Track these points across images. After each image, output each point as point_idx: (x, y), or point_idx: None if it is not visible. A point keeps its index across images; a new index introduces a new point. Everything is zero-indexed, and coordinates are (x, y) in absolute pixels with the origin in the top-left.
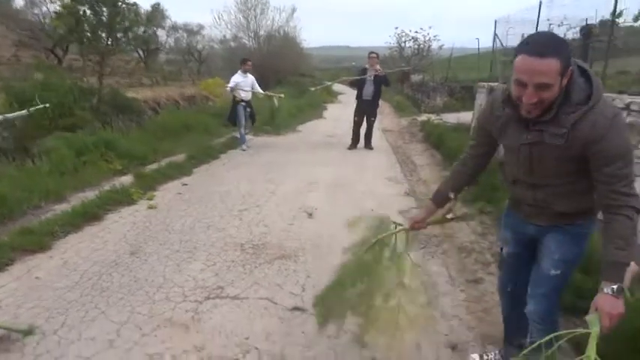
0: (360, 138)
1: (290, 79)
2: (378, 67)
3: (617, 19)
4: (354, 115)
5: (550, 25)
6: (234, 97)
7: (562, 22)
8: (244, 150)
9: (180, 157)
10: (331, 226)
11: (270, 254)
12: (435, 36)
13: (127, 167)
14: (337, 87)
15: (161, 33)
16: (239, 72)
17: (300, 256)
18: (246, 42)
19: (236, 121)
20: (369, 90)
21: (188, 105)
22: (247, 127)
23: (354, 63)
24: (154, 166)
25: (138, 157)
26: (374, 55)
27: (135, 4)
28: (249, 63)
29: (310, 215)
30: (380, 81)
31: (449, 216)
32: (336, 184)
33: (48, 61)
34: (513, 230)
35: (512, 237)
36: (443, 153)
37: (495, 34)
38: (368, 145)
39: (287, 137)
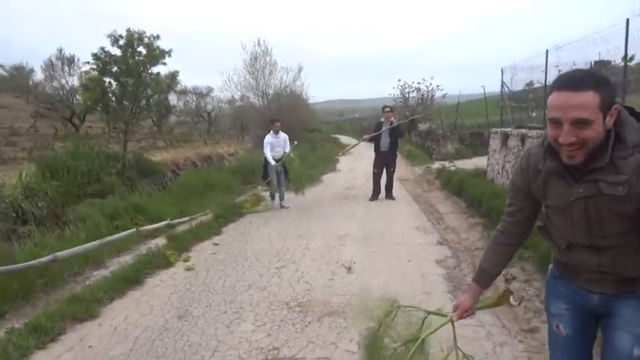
0: (380, 189)
1: (299, 134)
2: (392, 119)
3: (628, 63)
4: (374, 167)
5: (559, 70)
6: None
7: (572, 68)
8: (275, 208)
9: (207, 217)
10: (373, 279)
11: (318, 311)
12: (437, 85)
13: (158, 230)
14: (345, 139)
15: (172, 97)
16: (271, 132)
17: (348, 312)
18: (255, 101)
19: (269, 180)
20: (385, 142)
21: (206, 165)
22: (281, 184)
23: (357, 115)
24: (185, 227)
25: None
26: (388, 109)
27: (158, 73)
28: (278, 124)
29: (349, 269)
30: (395, 133)
31: (514, 302)
32: (367, 235)
33: (66, 130)
34: (569, 302)
35: (568, 311)
36: (466, 200)
37: (503, 82)
38: (389, 195)
39: (307, 191)
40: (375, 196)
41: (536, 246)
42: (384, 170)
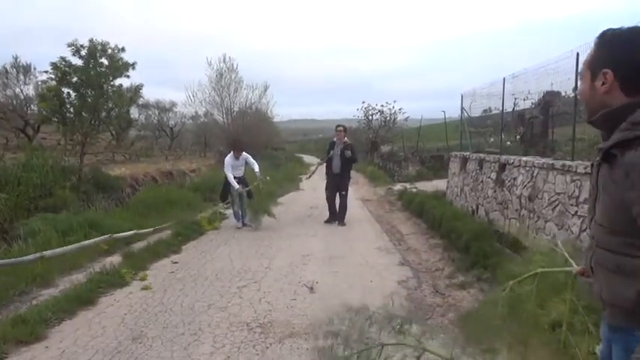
0: (335, 210)
1: (263, 152)
2: (346, 139)
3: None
4: (326, 189)
5: (515, 98)
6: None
7: (527, 97)
8: (239, 228)
9: (166, 234)
10: (335, 299)
11: (279, 333)
12: (400, 109)
13: (113, 247)
14: (308, 159)
15: (134, 110)
16: (231, 154)
17: (311, 333)
18: (219, 118)
19: (229, 199)
20: (337, 164)
21: (166, 180)
22: (243, 204)
23: (320, 135)
24: (141, 244)
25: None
26: (340, 128)
27: (120, 85)
28: (239, 148)
29: (312, 290)
30: (346, 157)
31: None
32: (330, 256)
33: (18, 141)
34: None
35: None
36: (426, 221)
37: (462, 108)
38: (340, 221)
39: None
40: (331, 218)
41: (494, 267)
42: (337, 194)
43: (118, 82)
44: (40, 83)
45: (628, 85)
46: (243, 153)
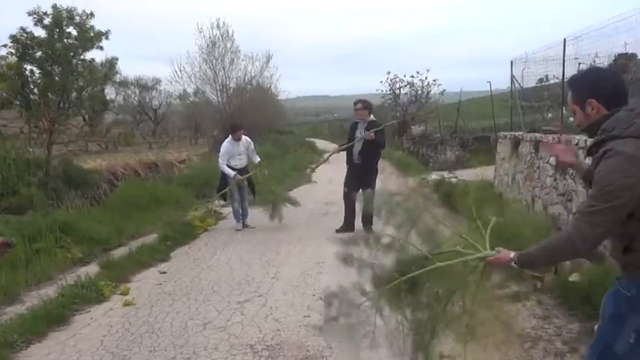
0: (354, 217)
1: (266, 137)
2: (371, 117)
3: None
4: (344, 186)
5: (579, 64)
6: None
7: (594, 61)
8: (239, 230)
9: (151, 238)
10: None
11: (291, 357)
12: (434, 80)
13: (89, 254)
14: (322, 144)
15: (109, 89)
16: (230, 138)
17: (328, 357)
18: (213, 96)
19: (228, 195)
20: (357, 150)
21: (150, 174)
22: (244, 200)
23: (336, 115)
24: (123, 251)
25: (101, 242)
26: (360, 105)
27: (92, 60)
28: (239, 133)
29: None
30: (372, 142)
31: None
32: None
33: None
34: None
35: None
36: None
37: (512, 77)
38: (367, 227)
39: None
40: (346, 226)
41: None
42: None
43: (89, 55)
44: None
45: (607, 103)
46: (244, 137)
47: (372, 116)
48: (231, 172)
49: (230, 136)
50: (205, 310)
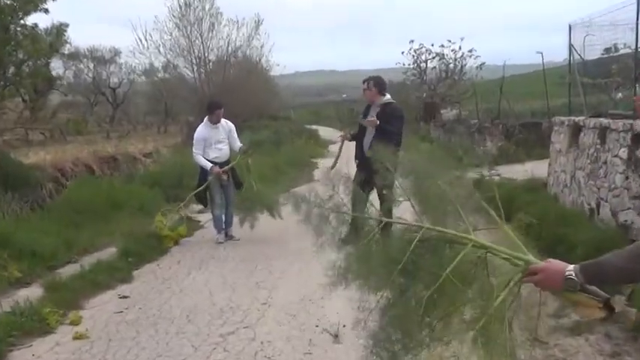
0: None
1: (256, 124)
2: (387, 97)
3: None
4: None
5: None
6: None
7: None
8: (221, 242)
9: (109, 253)
10: None
11: None
12: (470, 51)
13: (30, 274)
14: (326, 132)
15: (56, 63)
16: (205, 122)
17: None
18: (187, 72)
19: (208, 198)
20: (368, 141)
21: (108, 171)
22: (230, 204)
23: (344, 95)
24: (73, 269)
25: (45, 257)
26: (366, 84)
27: (35, 26)
28: (218, 113)
29: (336, 337)
30: (384, 130)
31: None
32: None
33: None
34: None
35: None
36: (517, 227)
37: (571, 46)
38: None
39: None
40: (355, 236)
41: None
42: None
43: (30, 20)
44: None
45: None
46: (224, 122)
47: (387, 97)
48: (208, 164)
49: (206, 118)
50: (178, 346)
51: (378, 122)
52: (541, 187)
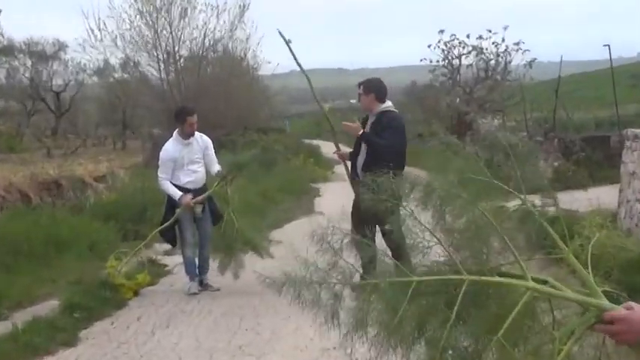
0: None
1: (240, 138)
2: (387, 105)
3: None
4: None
5: None
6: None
7: None
8: (195, 293)
9: (49, 307)
10: None
11: None
12: (516, 43)
13: None
14: (328, 149)
15: None
16: (175, 136)
17: None
18: (152, 70)
19: (177, 235)
20: (362, 160)
21: (49, 199)
22: (205, 244)
23: (353, 101)
24: (2, 327)
25: None
26: (361, 90)
27: None
28: (192, 120)
29: None
30: (368, 140)
31: None
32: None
33: None
34: None
35: None
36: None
37: None
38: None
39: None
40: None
41: None
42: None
43: None
44: None
45: None
46: (199, 136)
47: (386, 104)
48: (177, 193)
49: (176, 131)
50: None
51: (361, 132)
52: (610, 221)
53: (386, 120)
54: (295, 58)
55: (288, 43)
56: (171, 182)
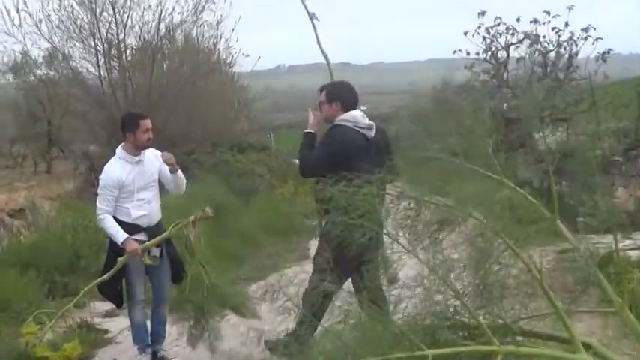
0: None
1: (208, 158)
2: (343, 117)
3: None
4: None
5: None
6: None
7: None
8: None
9: None
10: None
11: None
12: (584, 29)
13: None
14: None
15: None
16: (119, 153)
17: None
18: (89, 66)
19: (126, 291)
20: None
21: None
22: (160, 302)
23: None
24: None
25: None
26: (323, 97)
27: None
28: (146, 124)
29: None
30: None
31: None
32: None
33: None
34: None
35: None
36: None
37: None
38: None
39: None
40: None
41: None
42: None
43: None
44: None
45: None
46: (150, 154)
47: (348, 115)
48: (122, 235)
49: (121, 146)
50: None
51: (307, 130)
52: None
53: (328, 134)
54: (319, 43)
55: (312, 17)
56: (115, 218)
